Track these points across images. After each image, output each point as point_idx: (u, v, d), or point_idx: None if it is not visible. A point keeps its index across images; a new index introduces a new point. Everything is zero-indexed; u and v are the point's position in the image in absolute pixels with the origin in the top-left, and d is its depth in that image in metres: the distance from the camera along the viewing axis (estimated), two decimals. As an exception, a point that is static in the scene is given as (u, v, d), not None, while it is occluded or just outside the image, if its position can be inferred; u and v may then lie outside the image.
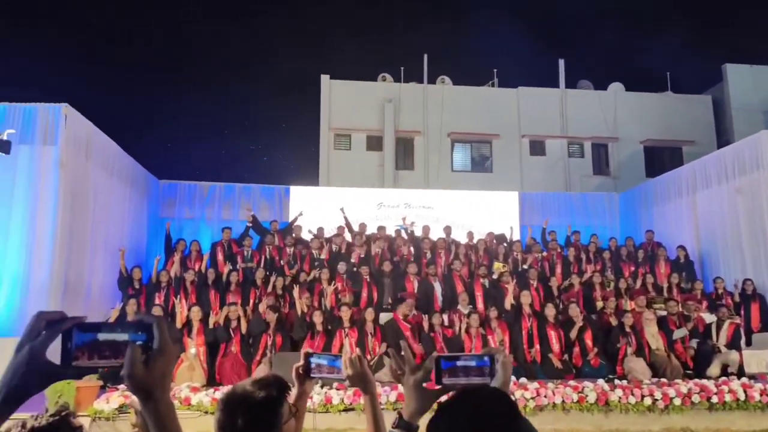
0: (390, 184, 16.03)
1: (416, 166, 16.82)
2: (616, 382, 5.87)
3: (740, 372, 7.33)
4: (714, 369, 7.50)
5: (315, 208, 12.19)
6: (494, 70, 18.18)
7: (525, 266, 10.24)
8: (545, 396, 5.63)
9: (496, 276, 9.22)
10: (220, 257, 10.05)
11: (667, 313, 8.44)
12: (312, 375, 1.79)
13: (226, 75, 32.37)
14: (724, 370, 7.45)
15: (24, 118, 8.63)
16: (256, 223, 10.88)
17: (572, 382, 5.83)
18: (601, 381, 5.88)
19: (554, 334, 7.86)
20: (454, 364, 1.32)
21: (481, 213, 13.02)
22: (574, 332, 7.81)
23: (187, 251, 9.98)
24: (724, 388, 6.32)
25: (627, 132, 17.33)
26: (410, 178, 16.46)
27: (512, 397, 1.11)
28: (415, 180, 16.39)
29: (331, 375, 1.80)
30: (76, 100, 8.87)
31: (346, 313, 7.64)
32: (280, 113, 30.18)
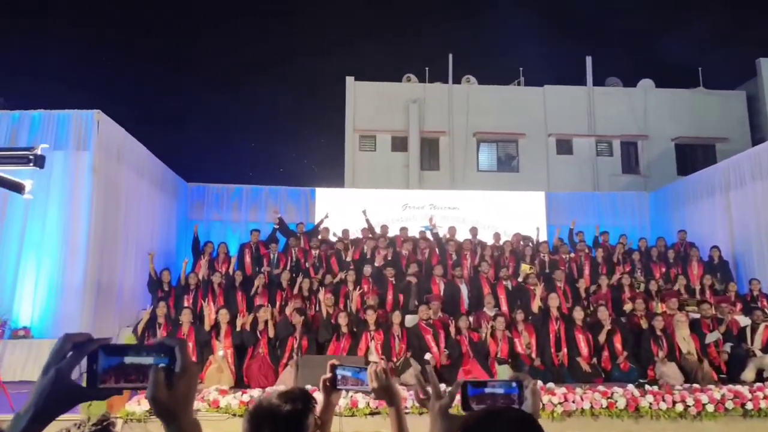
0: (415, 185, 16.01)
1: (441, 166, 16.76)
2: (647, 387, 5.75)
3: (776, 377, 7.12)
4: (748, 374, 7.29)
5: (340, 209, 12.26)
6: (520, 69, 18.02)
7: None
8: (573, 401, 5.56)
9: (522, 279, 9.10)
10: (248, 259, 10.16)
11: (700, 316, 8.24)
12: (338, 387, 1.81)
13: (252, 78, 32.75)
14: (759, 375, 7.22)
15: (58, 125, 8.87)
16: (282, 225, 10.97)
17: (601, 387, 5.73)
18: (631, 386, 5.77)
19: (582, 337, 7.74)
20: (481, 391, 1.30)
21: (508, 213, 12.90)
22: (602, 336, 7.68)
23: (215, 253, 10.12)
24: (759, 394, 6.14)
25: (657, 129, 16.97)
26: (435, 179, 16.41)
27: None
28: (441, 180, 16.33)
29: (356, 387, 1.82)
30: (107, 104, 9.11)
31: (371, 315, 7.63)
32: (305, 116, 30.43)
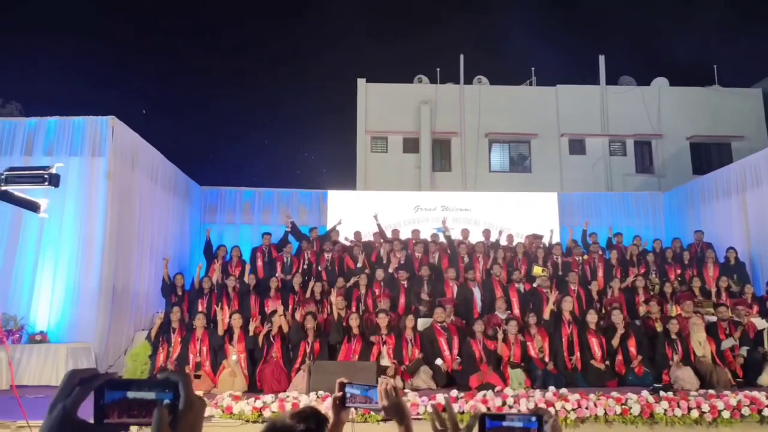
0: (427, 186, 16.01)
1: (453, 167, 16.73)
2: (662, 393, 5.69)
3: (794, 382, 7.02)
4: (765, 377, 7.20)
5: (352, 212, 12.29)
6: (532, 69, 17.96)
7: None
8: (587, 408, 5.52)
9: (537, 284, 9.00)
10: (260, 263, 10.22)
11: (717, 319, 8.12)
12: (347, 405, 1.81)
13: (263, 80, 32.94)
14: (776, 379, 7.15)
15: (74, 132, 8.98)
16: (294, 229, 11.00)
17: (615, 393, 5.69)
18: (645, 392, 5.71)
19: (596, 341, 7.68)
20: (499, 424, 1.30)
21: (520, 215, 12.82)
22: (616, 340, 7.61)
23: (228, 257, 10.18)
24: (777, 399, 6.05)
25: (672, 128, 16.80)
26: (447, 180, 16.39)
27: None
28: (453, 181, 16.31)
29: (365, 404, 1.82)
30: (120, 106, 9.22)
31: (383, 320, 7.64)
32: (317, 118, 30.56)
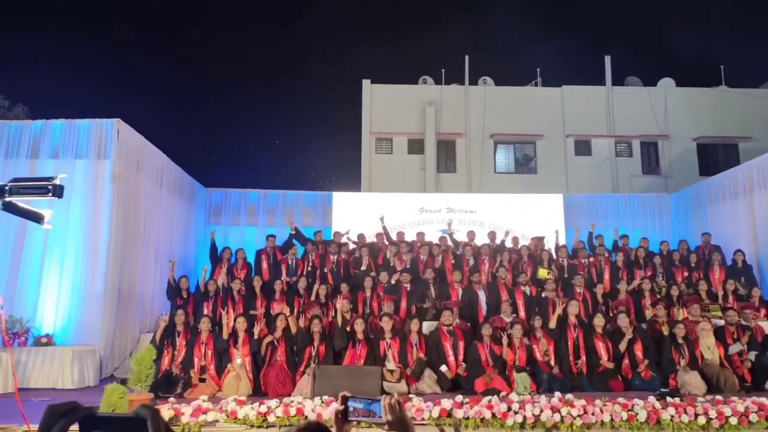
0: (432, 187, 15.98)
1: (458, 168, 16.69)
2: (668, 399, 5.64)
3: (804, 387, 6.95)
4: (774, 383, 7.13)
5: (356, 214, 12.31)
6: (537, 69, 17.88)
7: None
8: (593, 414, 5.47)
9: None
10: (265, 265, 10.21)
11: (724, 323, 8.04)
12: (350, 419, 1.79)
13: (268, 82, 33.00)
14: (785, 384, 7.07)
15: (79, 134, 9.00)
16: (298, 233, 10.99)
17: (621, 399, 5.64)
18: (652, 398, 5.65)
19: (602, 345, 7.63)
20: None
21: (525, 216, 12.78)
22: (623, 345, 7.54)
23: (233, 259, 10.17)
24: (785, 405, 5.97)
25: (679, 129, 16.69)
26: (452, 181, 16.35)
27: None
28: (458, 182, 16.27)
29: (368, 419, 1.80)
30: (125, 107, 9.25)
31: (387, 323, 7.61)
32: (322, 119, 30.64)
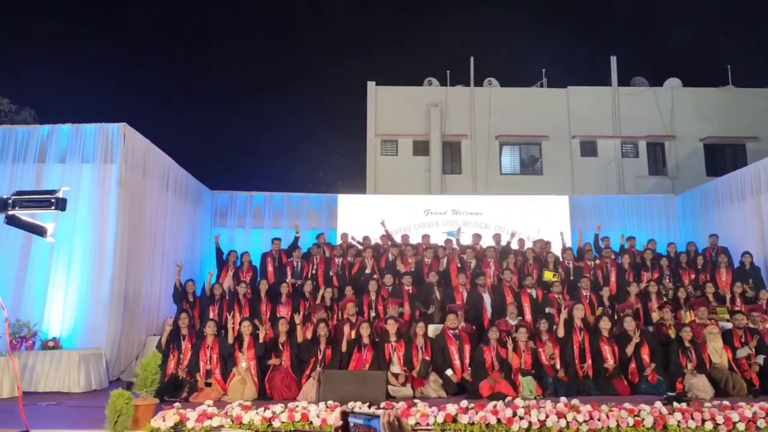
0: (437, 189, 15.98)
1: (464, 169, 16.68)
2: (675, 404, 5.60)
3: (813, 391, 6.88)
4: (783, 387, 7.08)
5: (362, 216, 12.33)
6: (543, 70, 17.86)
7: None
8: (599, 419, 5.45)
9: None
10: (270, 268, 10.23)
11: (732, 327, 7.97)
12: None
13: (273, 84, 33.06)
14: (793, 388, 7.01)
15: (86, 138, 9.04)
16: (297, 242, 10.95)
17: (628, 404, 5.61)
18: (658, 403, 5.62)
19: (608, 348, 7.59)
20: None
21: (531, 218, 12.75)
22: (630, 348, 7.50)
23: (239, 263, 10.18)
24: (794, 411, 5.92)
25: (685, 129, 16.61)
26: (457, 182, 16.35)
27: None
28: (463, 184, 16.26)
29: None
30: (131, 109, 9.27)
31: (392, 326, 7.61)
32: (327, 121, 30.68)
